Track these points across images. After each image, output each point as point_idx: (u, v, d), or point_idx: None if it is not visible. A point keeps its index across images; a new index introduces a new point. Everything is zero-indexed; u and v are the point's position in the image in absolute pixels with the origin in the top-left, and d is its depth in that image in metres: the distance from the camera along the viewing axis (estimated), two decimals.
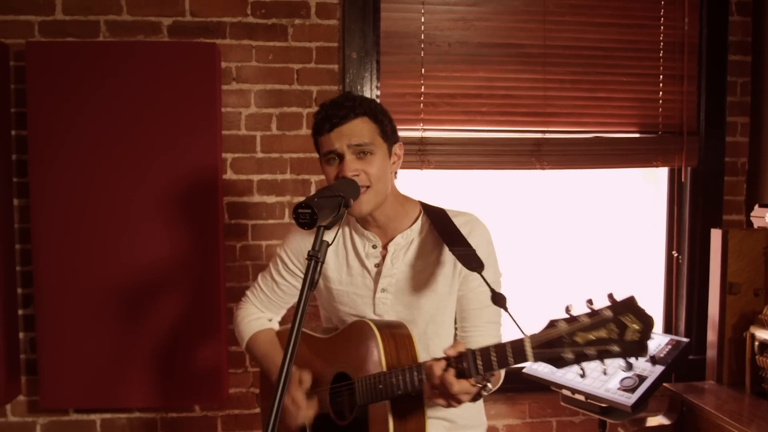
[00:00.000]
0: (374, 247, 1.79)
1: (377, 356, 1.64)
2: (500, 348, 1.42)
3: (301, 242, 1.87)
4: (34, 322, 2.60)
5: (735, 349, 2.46)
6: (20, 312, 2.70)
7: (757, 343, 2.37)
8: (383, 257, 1.78)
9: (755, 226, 2.51)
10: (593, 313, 1.29)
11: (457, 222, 1.76)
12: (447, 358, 1.48)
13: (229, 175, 2.74)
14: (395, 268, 1.77)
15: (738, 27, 2.94)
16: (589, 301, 1.35)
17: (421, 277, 1.77)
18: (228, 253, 2.74)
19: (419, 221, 1.80)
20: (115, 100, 2.55)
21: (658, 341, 2.63)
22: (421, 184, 2.80)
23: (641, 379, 2.43)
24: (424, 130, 2.78)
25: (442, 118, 2.80)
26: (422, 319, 1.77)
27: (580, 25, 2.83)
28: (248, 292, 2.02)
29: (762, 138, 2.93)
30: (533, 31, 2.81)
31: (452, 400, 1.47)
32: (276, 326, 2.00)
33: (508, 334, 1.52)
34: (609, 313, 1.28)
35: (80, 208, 2.56)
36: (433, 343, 1.78)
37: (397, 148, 1.80)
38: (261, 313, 1.99)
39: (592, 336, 1.28)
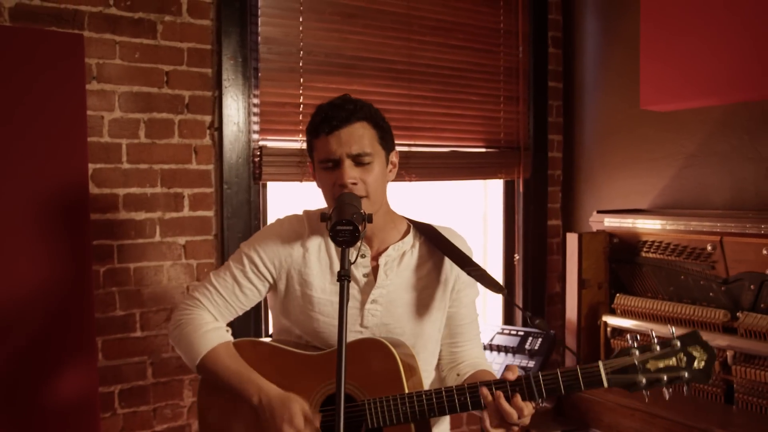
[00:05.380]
0: (363, 256, 1.71)
1: (398, 377, 1.58)
2: (569, 373, 1.49)
3: (281, 248, 1.72)
4: None
5: (588, 336, 2.84)
6: None
7: (609, 329, 2.78)
8: (373, 269, 1.72)
9: (594, 229, 2.93)
10: (664, 344, 1.47)
11: (446, 235, 1.77)
12: (504, 383, 1.51)
13: (91, 188, 2.35)
14: (389, 280, 1.72)
15: (553, 58, 3.41)
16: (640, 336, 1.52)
17: (415, 291, 1.74)
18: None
19: (410, 235, 1.77)
20: None
21: (527, 335, 2.93)
22: (302, 197, 2.71)
23: (527, 371, 2.68)
24: (304, 141, 2.69)
25: None
26: (412, 334, 1.74)
27: (438, 46, 3.01)
28: (197, 294, 1.73)
29: (573, 153, 3.43)
30: (400, 48, 2.92)
31: (515, 425, 1.50)
32: (231, 337, 1.76)
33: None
34: (678, 344, 1.46)
35: None
36: (420, 358, 1.73)
37: (394, 156, 1.75)
38: (216, 321, 1.72)
39: (661, 364, 1.46)
